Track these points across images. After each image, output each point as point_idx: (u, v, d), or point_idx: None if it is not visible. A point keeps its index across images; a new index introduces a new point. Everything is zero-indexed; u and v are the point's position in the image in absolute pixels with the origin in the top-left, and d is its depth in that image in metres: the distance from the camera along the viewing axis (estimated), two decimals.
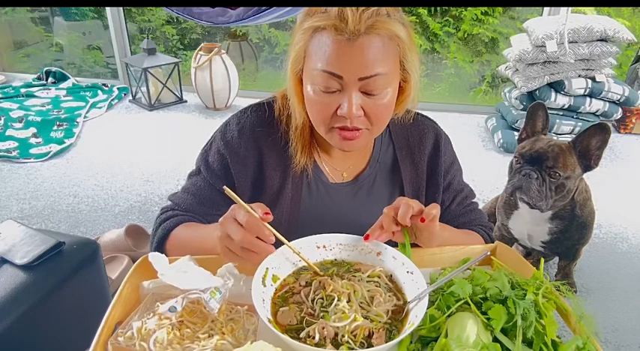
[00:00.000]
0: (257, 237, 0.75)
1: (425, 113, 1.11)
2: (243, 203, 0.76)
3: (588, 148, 1.51)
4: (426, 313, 0.72)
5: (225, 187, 0.78)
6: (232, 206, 0.79)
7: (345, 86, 0.83)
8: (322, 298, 0.76)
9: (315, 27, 0.82)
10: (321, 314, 0.74)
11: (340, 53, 0.80)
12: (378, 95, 0.84)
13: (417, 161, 1.06)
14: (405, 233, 0.88)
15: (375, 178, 1.05)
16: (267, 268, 0.79)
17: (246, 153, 1.00)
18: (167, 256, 0.85)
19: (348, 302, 0.75)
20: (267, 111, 1.01)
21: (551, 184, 1.51)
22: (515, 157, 1.61)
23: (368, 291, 0.78)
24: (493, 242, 1.09)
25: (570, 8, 2.70)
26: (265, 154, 1.00)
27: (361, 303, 0.76)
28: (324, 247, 0.87)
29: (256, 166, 1.01)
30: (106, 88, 3.78)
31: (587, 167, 1.54)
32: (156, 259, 0.78)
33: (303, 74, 0.88)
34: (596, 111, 2.91)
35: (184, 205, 1.04)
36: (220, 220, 0.78)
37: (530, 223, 1.71)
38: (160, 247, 0.99)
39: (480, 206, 2.18)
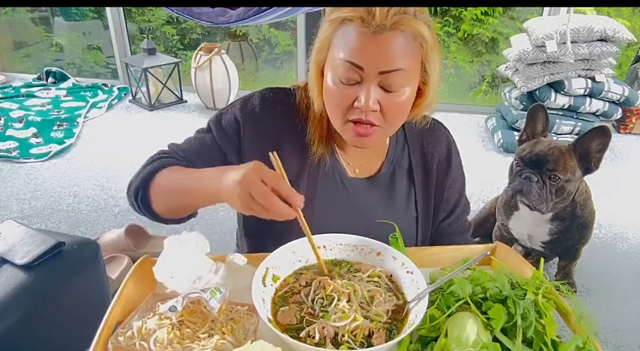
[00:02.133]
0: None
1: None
2: (283, 171, 0.76)
3: (589, 151, 1.51)
4: (426, 312, 0.72)
5: (274, 152, 0.77)
6: (254, 164, 0.75)
7: (364, 78, 0.82)
8: (322, 298, 0.76)
9: (343, 18, 0.82)
10: (321, 314, 0.74)
11: (363, 45, 0.80)
12: (397, 92, 0.84)
13: (428, 168, 1.06)
14: (397, 228, 0.89)
15: (391, 178, 1.04)
16: (267, 268, 0.80)
17: (264, 125, 0.98)
18: (150, 195, 0.87)
19: (348, 302, 0.75)
20: (290, 96, 1.00)
21: (551, 187, 1.51)
22: (515, 159, 1.60)
23: (368, 291, 0.78)
24: None
25: (572, 8, 2.70)
26: (283, 136, 0.98)
27: (361, 303, 0.76)
28: (324, 247, 0.87)
29: (272, 144, 0.96)
30: (106, 88, 3.78)
31: (588, 170, 1.54)
32: (159, 270, 0.77)
33: (325, 65, 0.87)
34: (596, 111, 2.91)
35: (183, 154, 0.99)
36: (239, 177, 0.74)
37: (531, 224, 1.71)
38: (145, 182, 0.92)
39: (480, 206, 2.19)
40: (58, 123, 3.14)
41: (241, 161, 0.96)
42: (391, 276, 0.83)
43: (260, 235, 1.04)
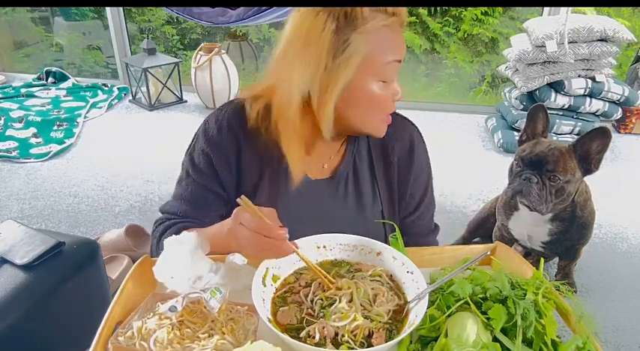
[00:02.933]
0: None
1: (425, 113, 1.11)
2: (257, 210, 0.77)
3: (589, 152, 1.50)
4: (426, 312, 0.72)
5: (242, 196, 0.78)
6: (235, 212, 0.80)
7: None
8: (322, 299, 0.76)
9: (382, 25, 0.85)
10: (321, 314, 0.74)
11: (400, 38, 0.89)
12: None
13: (389, 161, 1.05)
14: (397, 227, 0.89)
15: (352, 174, 1.04)
16: (267, 268, 0.80)
17: (227, 148, 0.99)
18: None
19: (349, 302, 0.75)
20: (242, 107, 0.99)
21: (551, 188, 1.51)
22: (515, 160, 1.60)
23: (372, 289, 0.78)
24: None
25: (570, 8, 2.70)
26: (243, 148, 0.99)
27: (363, 302, 0.76)
28: (324, 247, 0.87)
29: (236, 161, 1.00)
30: (106, 88, 3.78)
31: (587, 171, 1.53)
32: (159, 270, 0.77)
33: (366, 73, 0.86)
34: (596, 111, 2.91)
35: (180, 213, 1.02)
36: (228, 227, 0.81)
37: (531, 224, 1.71)
38: None
39: (480, 206, 2.19)
40: (58, 123, 3.13)
41: (225, 188, 1.01)
42: (391, 276, 0.83)
43: None
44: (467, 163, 2.83)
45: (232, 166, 1.00)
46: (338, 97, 0.87)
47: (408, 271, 0.81)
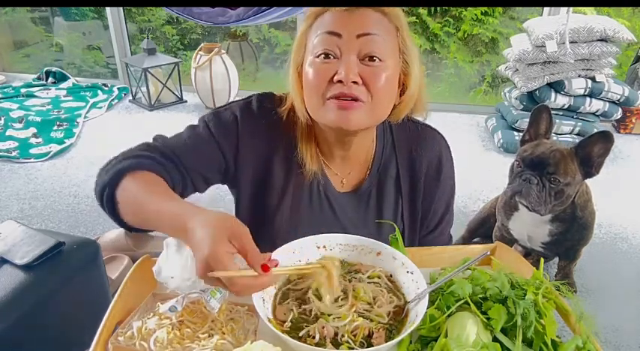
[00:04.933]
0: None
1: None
2: (236, 273, 0.63)
3: (590, 156, 1.50)
4: (426, 312, 0.72)
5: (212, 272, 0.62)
6: (205, 260, 0.62)
7: (343, 49, 0.81)
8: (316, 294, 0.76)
9: (316, 11, 0.84)
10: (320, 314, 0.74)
11: (340, 16, 0.82)
12: (377, 64, 0.82)
13: (416, 178, 1.01)
14: (398, 234, 0.88)
15: (376, 190, 1.01)
16: None
17: (259, 132, 0.95)
18: (117, 198, 0.81)
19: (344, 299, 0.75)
20: (281, 104, 0.97)
21: (550, 189, 1.51)
22: (516, 160, 1.60)
23: (371, 291, 0.78)
24: None
25: (571, 8, 2.70)
26: (274, 145, 0.96)
27: (362, 303, 0.76)
28: (324, 247, 0.87)
29: (264, 152, 0.96)
30: (106, 88, 3.78)
31: (588, 174, 1.53)
32: (159, 271, 0.77)
33: (304, 59, 0.87)
34: (596, 111, 2.91)
35: (176, 150, 0.91)
36: (201, 250, 0.63)
37: (531, 225, 1.71)
38: (113, 183, 0.83)
39: (480, 206, 2.19)
40: (58, 123, 3.13)
41: (236, 163, 0.95)
42: (391, 276, 0.83)
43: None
44: (467, 163, 2.83)
45: (256, 152, 0.94)
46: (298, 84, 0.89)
47: (408, 271, 0.81)
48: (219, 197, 2.13)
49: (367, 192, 1.01)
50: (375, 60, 0.82)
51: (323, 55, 0.82)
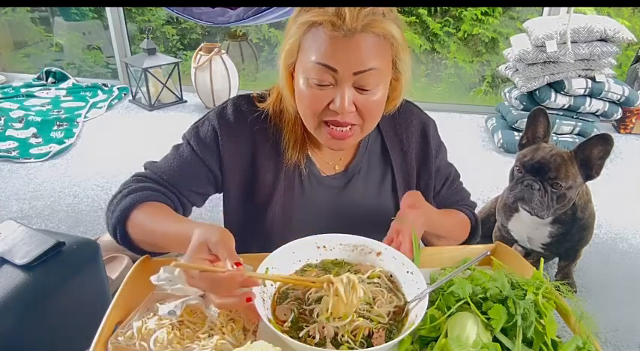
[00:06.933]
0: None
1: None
2: (201, 266, 0.69)
3: (590, 158, 1.49)
4: (426, 313, 0.72)
5: (175, 261, 0.69)
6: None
7: (339, 81, 0.83)
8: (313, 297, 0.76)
9: (312, 22, 0.82)
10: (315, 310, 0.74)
11: (336, 48, 0.80)
12: (371, 91, 0.85)
13: (405, 149, 1.06)
14: (414, 234, 0.88)
15: (365, 167, 1.05)
16: (267, 268, 0.79)
17: (240, 136, 0.98)
18: (129, 233, 0.88)
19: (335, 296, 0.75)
20: (261, 102, 1.00)
21: (553, 194, 1.50)
22: (516, 165, 1.59)
23: (370, 292, 0.78)
24: (477, 220, 1.14)
25: (572, 8, 2.70)
26: (258, 143, 0.99)
27: (361, 304, 0.76)
28: (325, 247, 0.87)
29: (248, 153, 0.99)
30: (106, 88, 3.78)
31: (589, 176, 1.53)
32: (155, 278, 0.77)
33: (296, 68, 0.88)
34: (596, 111, 2.91)
35: (165, 176, 0.97)
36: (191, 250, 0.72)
37: (530, 226, 1.70)
38: (122, 220, 0.90)
39: (480, 206, 2.19)
40: (58, 123, 3.13)
41: (222, 169, 0.99)
42: (391, 276, 0.83)
43: (243, 236, 1.04)
44: (467, 163, 2.82)
45: (241, 155, 0.98)
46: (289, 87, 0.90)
47: (408, 272, 0.81)
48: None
49: (356, 170, 1.04)
50: (370, 89, 0.85)
51: (319, 84, 0.84)
